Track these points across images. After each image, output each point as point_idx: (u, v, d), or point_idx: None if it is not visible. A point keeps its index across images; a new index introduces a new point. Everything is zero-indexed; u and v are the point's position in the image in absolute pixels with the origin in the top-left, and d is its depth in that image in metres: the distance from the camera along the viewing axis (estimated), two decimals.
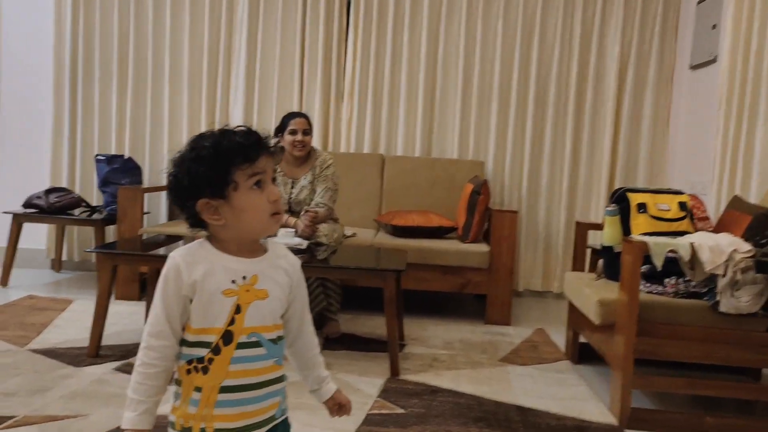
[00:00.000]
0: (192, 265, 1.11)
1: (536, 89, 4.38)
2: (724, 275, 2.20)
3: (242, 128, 1.13)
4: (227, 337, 1.10)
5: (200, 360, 1.10)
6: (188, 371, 1.11)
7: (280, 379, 1.16)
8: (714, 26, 3.87)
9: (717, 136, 3.35)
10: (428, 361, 2.88)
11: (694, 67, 4.14)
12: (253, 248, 1.17)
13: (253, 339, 1.12)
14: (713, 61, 3.87)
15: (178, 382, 1.13)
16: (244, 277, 1.12)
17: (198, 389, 1.10)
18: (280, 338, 1.17)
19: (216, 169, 1.08)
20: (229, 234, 1.13)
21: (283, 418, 1.18)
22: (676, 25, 4.38)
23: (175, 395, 1.13)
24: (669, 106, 4.42)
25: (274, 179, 1.17)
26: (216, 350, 1.10)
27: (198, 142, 1.12)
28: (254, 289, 1.13)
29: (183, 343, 1.12)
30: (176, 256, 1.11)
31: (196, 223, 1.13)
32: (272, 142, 1.17)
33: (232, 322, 1.10)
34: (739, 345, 2.25)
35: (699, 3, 4.13)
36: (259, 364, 1.12)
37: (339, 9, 4.41)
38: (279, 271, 1.18)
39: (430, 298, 4.30)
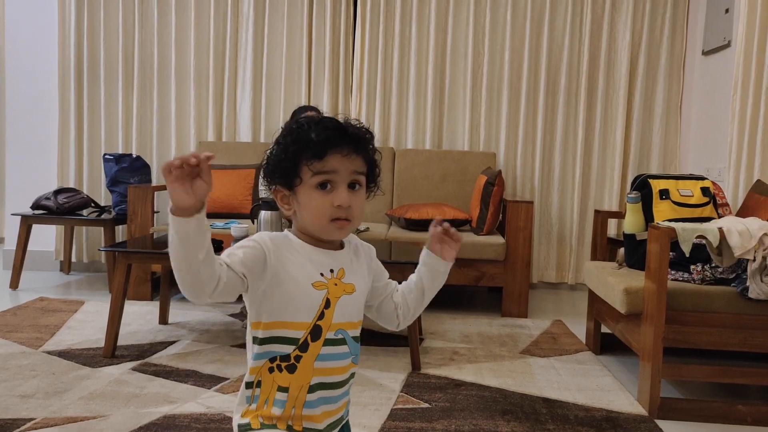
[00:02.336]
0: (279, 249, 1.04)
1: (547, 78, 4.33)
2: (753, 260, 2.15)
3: (326, 121, 1.05)
4: (316, 332, 1.04)
5: (285, 357, 1.04)
6: (271, 369, 1.04)
7: (353, 377, 1.12)
8: (727, 10, 3.82)
9: (732, 122, 3.30)
10: (448, 355, 2.84)
11: (707, 53, 4.09)
12: (334, 240, 1.11)
13: (339, 336, 1.06)
14: (726, 45, 3.82)
15: (252, 384, 1.06)
16: (331, 270, 1.07)
17: (284, 389, 1.04)
18: (360, 335, 1.13)
19: (288, 159, 1.04)
20: (300, 225, 1.08)
21: (348, 416, 1.16)
22: (687, 11, 4.33)
23: (248, 399, 1.07)
24: (681, 93, 4.38)
25: (358, 183, 1.07)
26: (304, 347, 1.04)
27: (289, 125, 1.07)
28: (342, 283, 1.08)
29: (265, 341, 1.04)
30: (264, 234, 1.05)
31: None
32: (366, 141, 1.06)
33: (321, 316, 1.04)
34: None
35: None
36: (342, 363, 1.07)
37: (346, 2, 4.37)
38: (362, 263, 1.14)
39: (445, 292, 4.26)
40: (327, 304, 1.05)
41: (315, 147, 1.02)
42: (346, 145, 1.04)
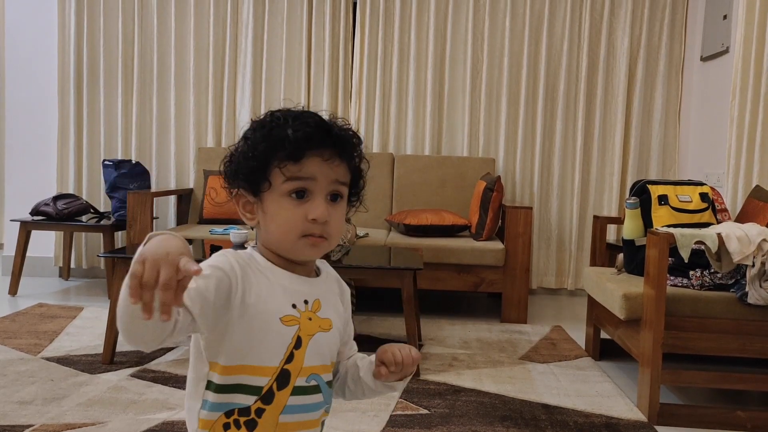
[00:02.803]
0: (246, 274, 0.85)
1: (546, 84, 4.34)
2: (752, 266, 2.15)
3: (307, 115, 0.88)
4: (283, 378, 0.85)
5: (244, 411, 0.84)
6: (226, 426, 0.84)
7: (323, 428, 0.94)
8: (725, 17, 3.83)
9: (731, 127, 3.31)
10: (448, 361, 2.84)
11: (705, 59, 4.10)
12: (308, 265, 0.93)
13: (312, 383, 0.88)
14: (725, 51, 3.83)
15: None
16: (305, 302, 0.88)
17: None
18: (332, 380, 0.95)
19: (256, 158, 0.86)
20: (265, 239, 0.90)
21: None
22: (685, 17, 4.35)
23: None
24: (680, 99, 4.39)
25: (339, 195, 0.90)
26: (267, 397, 0.84)
27: (258, 121, 0.90)
28: (317, 317, 0.89)
29: (224, 389, 0.84)
30: (228, 254, 0.86)
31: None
32: (353, 144, 0.89)
33: (290, 358, 0.85)
34: None
35: None
36: (313, 415, 0.89)
37: (345, 8, 4.38)
38: (336, 296, 0.96)
39: (445, 298, 4.26)
40: (298, 343, 0.86)
41: (291, 146, 0.84)
42: (329, 148, 0.87)
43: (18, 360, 2.65)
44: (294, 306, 0.87)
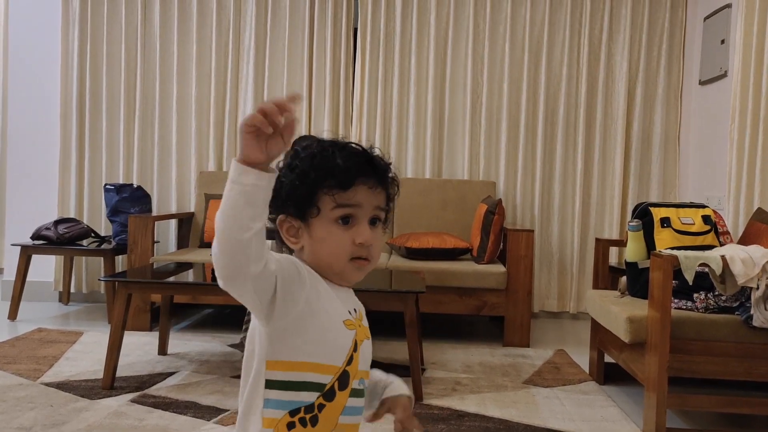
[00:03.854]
0: (312, 275, 0.90)
1: (545, 109, 4.36)
2: (757, 288, 2.15)
3: (353, 147, 0.94)
4: (344, 379, 0.90)
5: (309, 408, 0.88)
6: (291, 425, 0.88)
7: None
8: (723, 41, 3.87)
9: (731, 150, 3.32)
10: (451, 385, 2.81)
11: (704, 83, 4.13)
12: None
13: (361, 386, 0.93)
14: (723, 75, 3.86)
15: None
16: (354, 310, 0.95)
17: None
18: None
19: (302, 185, 0.91)
20: (310, 261, 0.94)
21: None
22: (683, 42, 4.39)
23: None
24: (679, 122, 4.41)
25: (378, 219, 0.96)
26: (329, 395, 0.88)
27: (302, 149, 0.94)
28: (363, 325, 0.95)
29: (289, 386, 0.88)
30: (293, 257, 0.92)
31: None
32: (390, 173, 0.96)
33: (350, 360, 0.91)
34: None
35: (706, 19, 4.14)
36: (359, 419, 0.93)
37: (346, 33, 4.42)
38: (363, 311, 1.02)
39: (447, 321, 4.24)
40: (355, 346, 0.92)
41: (341, 175, 0.91)
42: (373, 177, 0.93)
43: (17, 385, 2.62)
44: (350, 312, 0.94)
